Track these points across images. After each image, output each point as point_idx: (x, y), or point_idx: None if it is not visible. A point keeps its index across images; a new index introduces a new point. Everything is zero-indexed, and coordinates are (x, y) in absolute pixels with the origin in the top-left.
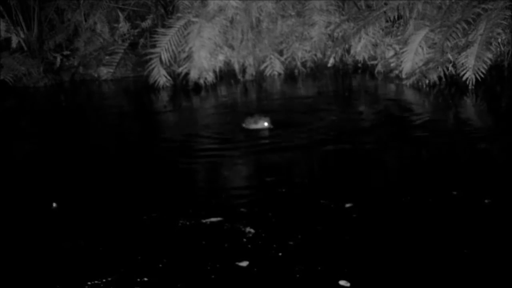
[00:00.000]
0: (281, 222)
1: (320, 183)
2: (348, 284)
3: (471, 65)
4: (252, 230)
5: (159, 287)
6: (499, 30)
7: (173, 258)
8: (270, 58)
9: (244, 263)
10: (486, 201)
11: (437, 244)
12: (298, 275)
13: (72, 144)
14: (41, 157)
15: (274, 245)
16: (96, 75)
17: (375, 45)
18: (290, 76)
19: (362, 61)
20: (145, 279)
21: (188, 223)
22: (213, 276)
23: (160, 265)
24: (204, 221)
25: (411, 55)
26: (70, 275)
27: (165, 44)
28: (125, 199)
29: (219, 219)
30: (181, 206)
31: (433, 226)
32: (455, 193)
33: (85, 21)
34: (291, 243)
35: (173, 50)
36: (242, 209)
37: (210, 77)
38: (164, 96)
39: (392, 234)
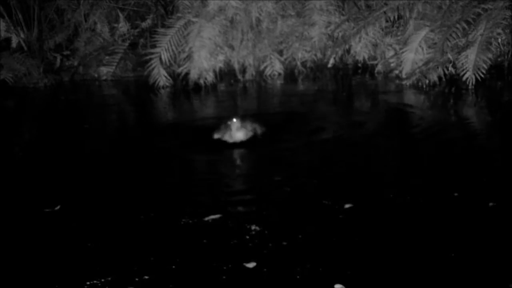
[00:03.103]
0: (281, 222)
1: (321, 183)
2: None
3: (471, 65)
4: (257, 228)
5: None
6: (499, 30)
7: (175, 258)
8: (270, 58)
9: (251, 264)
10: (490, 204)
11: (437, 248)
12: (298, 276)
13: (71, 145)
14: (41, 158)
15: (271, 245)
16: (96, 75)
17: (375, 45)
18: (290, 76)
19: (362, 61)
20: (146, 277)
21: (190, 221)
22: (224, 277)
23: (163, 266)
24: (206, 219)
25: (411, 55)
26: (69, 275)
27: (165, 44)
28: (123, 199)
29: (220, 216)
30: (181, 205)
31: (434, 229)
32: (456, 194)
33: (85, 21)
34: (289, 243)
35: (173, 50)
36: (242, 208)
37: (210, 77)
38: (164, 96)
39: (392, 237)
